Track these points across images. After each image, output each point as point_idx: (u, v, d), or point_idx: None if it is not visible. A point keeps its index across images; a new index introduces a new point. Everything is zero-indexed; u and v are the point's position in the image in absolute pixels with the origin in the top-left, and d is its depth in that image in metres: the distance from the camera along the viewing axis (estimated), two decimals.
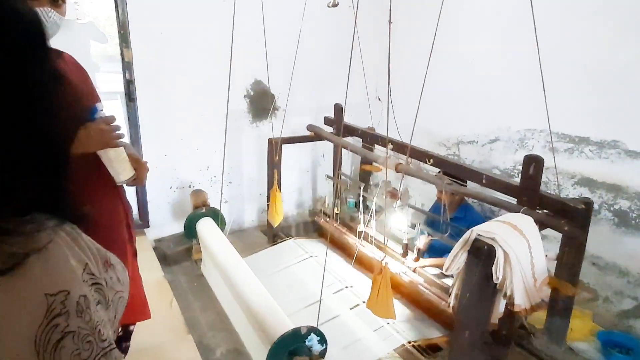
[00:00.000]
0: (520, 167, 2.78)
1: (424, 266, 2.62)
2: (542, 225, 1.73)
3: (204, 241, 2.66)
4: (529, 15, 1.73)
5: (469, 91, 3.01)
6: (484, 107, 2.92)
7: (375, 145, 3.04)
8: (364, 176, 3.41)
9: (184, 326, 2.29)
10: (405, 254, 2.48)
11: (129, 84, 2.84)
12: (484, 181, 2.09)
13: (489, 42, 2.84)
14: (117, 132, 1.25)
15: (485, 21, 2.86)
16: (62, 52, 1.29)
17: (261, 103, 3.36)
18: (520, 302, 1.55)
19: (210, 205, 2.94)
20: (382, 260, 1.84)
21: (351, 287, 2.54)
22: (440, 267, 2.73)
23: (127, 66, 2.81)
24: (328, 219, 3.13)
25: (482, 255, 1.58)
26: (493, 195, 2.07)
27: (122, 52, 2.77)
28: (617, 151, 2.25)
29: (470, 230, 1.63)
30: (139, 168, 1.36)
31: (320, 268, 2.76)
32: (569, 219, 1.76)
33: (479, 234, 1.60)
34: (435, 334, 2.20)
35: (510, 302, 1.57)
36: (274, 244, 3.09)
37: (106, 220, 1.31)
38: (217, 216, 2.74)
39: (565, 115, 2.34)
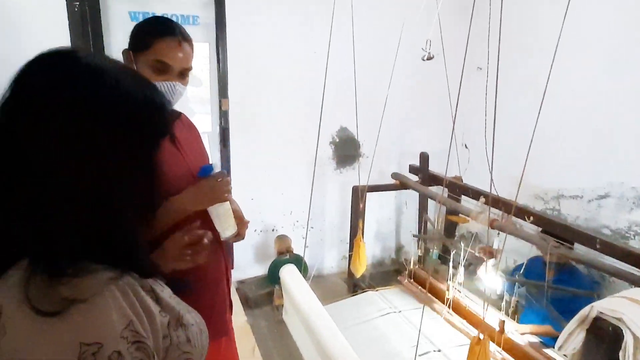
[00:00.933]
0: (637, 229, 2.49)
1: (526, 333, 2.37)
2: None
3: (286, 288, 2.65)
4: None
5: (575, 138, 2.78)
6: (592, 157, 2.67)
7: (463, 196, 2.90)
8: (450, 228, 3.25)
9: None
10: (502, 331, 2.26)
11: (224, 131, 3.01)
12: (597, 246, 1.86)
13: (597, 78, 2.62)
14: (227, 187, 1.29)
15: (597, 53, 2.64)
16: (181, 113, 1.40)
17: (346, 150, 3.39)
18: None
19: (292, 249, 2.96)
20: (480, 328, 1.68)
21: (439, 350, 2.36)
22: (542, 334, 2.46)
23: (223, 114, 2.99)
24: (411, 278, 2.99)
25: (606, 337, 1.38)
26: (610, 262, 1.83)
27: (220, 102, 2.96)
28: None
29: (590, 306, 1.44)
30: (241, 224, 1.40)
31: (404, 324, 2.62)
32: None
33: (601, 312, 1.41)
34: None
35: None
36: (355, 294, 3.00)
37: (210, 275, 1.35)
38: (300, 263, 2.74)
39: None
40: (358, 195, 2.86)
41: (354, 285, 3.14)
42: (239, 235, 1.40)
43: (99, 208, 0.60)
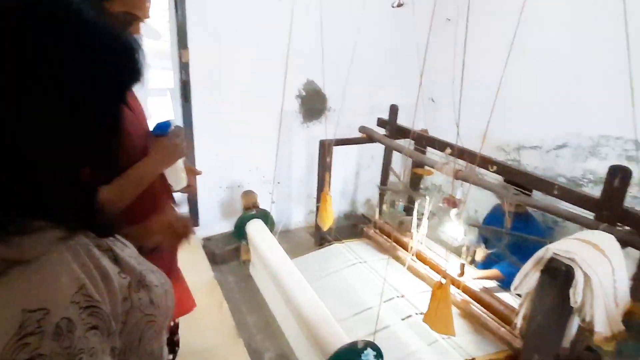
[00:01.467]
0: (590, 176, 2.59)
1: (477, 278, 2.48)
2: (624, 244, 1.57)
3: (254, 243, 2.64)
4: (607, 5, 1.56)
5: (534, 92, 2.82)
6: (551, 109, 2.72)
7: (429, 149, 2.92)
8: (415, 180, 3.29)
9: (235, 329, 2.29)
10: (462, 273, 2.35)
11: (184, 85, 2.87)
12: (555, 192, 1.93)
13: (559, 37, 2.64)
14: (184, 142, 1.26)
15: (554, 13, 2.65)
16: None
17: (312, 104, 3.32)
18: (601, 329, 1.41)
19: (258, 204, 2.93)
20: (443, 275, 1.74)
21: (403, 296, 2.45)
22: (494, 279, 2.59)
23: (183, 67, 2.84)
24: (376, 228, 3.04)
25: (560, 276, 1.45)
26: (564, 207, 1.91)
27: (179, 53, 2.80)
28: None
29: (545, 248, 1.50)
30: (191, 177, 1.38)
31: (370, 274, 2.69)
32: None
33: (556, 253, 1.47)
34: (492, 350, 2.06)
35: (589, 329, 1.43)
36: (322, 247, 3.04)
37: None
38: (267, 218, 2.72)
39: None
40: (325, 149, 2.83)
41: (321, 239, 3.17)
42: (190, 187, 1.38)
43: (39, 157, 0.52)
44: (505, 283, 2.56)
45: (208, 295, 2.49)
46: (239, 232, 2.75)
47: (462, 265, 2.33)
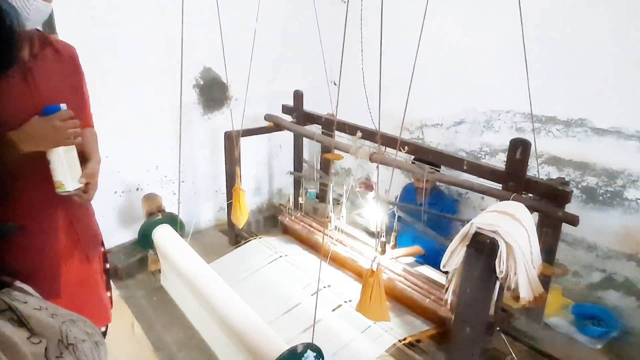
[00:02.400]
0: (487, 149, 2.79)
1: (399, 256, 2.55)
2: (532, 210, 1.69)
3: (163, 251, 2.38)
4: None
5: (432, 72, 2.93)
6: (447, 88, 2.86)
7: (337, 133, 2.90)
8: (325, 166, 3.26)
9: (153, 352, 2.04)
10: (383, 251, 2.37)
11: None
12: (465, 167, 2.02)
13: (449, 21, 2.77)
14: (72, 130, 1.15)
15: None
16: (49, 37, 1.21)
17: (212, 93, 3.08)
18: (525, 294, 1.50)
19: (163, 207, 2.65)
20: (373, 260, 1.71)
21: (329, 286, 2.41)
22: (416, 254, 2.68)
23: None
24: (292, 217, 2.95)
25: (485, 249, 1.50)
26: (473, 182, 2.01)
27: None
28: (584, 129, 2.29)
29: (470, 223, 1.54)
30: (92, 183, 1.18)
31: (293, 268, 2.60)
32: (553, 202, 1.73)
33: (479, 227, 1.52)
34: (421, 328, 2.13)
35: (514, 296, 1.51)
36: (238, 246, 2.86)
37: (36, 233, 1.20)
38: (175, 222, 2.46)
39: (532, 94, 2.33)
40: (232, 141, 2.64)
41: (236, 237, 2.99)
42: (86, 194, 1.23)
43: None
44: (425, 258, 2.67)
45: (115, 317, 2.18)
46: (144, 240, 2.46)
47: (383, 243, 2.36)
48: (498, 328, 2.01)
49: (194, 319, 2.23)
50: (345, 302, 2.26)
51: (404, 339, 2.00)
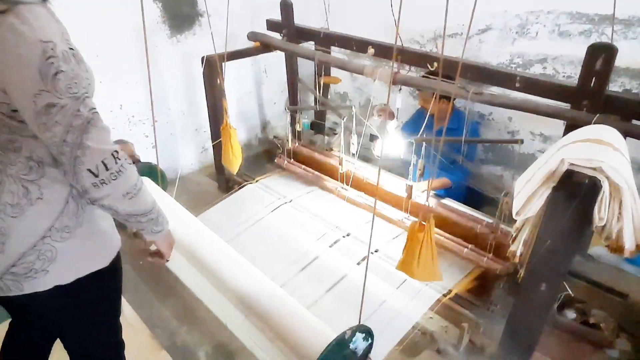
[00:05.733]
0: (519, 60, 2.37)
1: (426, 190, 2.21)
2: (627, 136, 1.33)
3: None
4: None
5: None
6: None
7: (332, 49, 2.40)
8: (323, 92, 2.78)
9: (149, 337, 1.70)
10: (410, 196, 2.02)
11: None
12: (517, 85, 1.61)
13: None
14: None
15: None
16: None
17: (178, 7, 2.46)
18: (630, 244, 1.19)
19: (137, 157, 2.17)
20: (425, 212, 1.35)
21: (349, 235, 2.07)
22: (440, 188, 2.35)
23: None
24: (290, 160, 2.53)
25: (582, 192, 1.15)
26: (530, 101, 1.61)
27: None
28: None
29: (557, 160, 1.17)
30: None
31: (302, 215, 2.22)
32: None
33: (573, 163, 1.15)
34: (461, 273, 1.84)
35: (617, 247, 1.20)
36: (231, 192, 2.45)
37: None
38: (154, 173, 2.00)
39: None
40: (214, 67, 2.11)
41: (227, 181, 2.57)
42: None
43: None
44: (449, 191, 2.34)
45: None
46: None
47: (410, 188, 2.00)
48: None
49: (195, 287, 1.88)
50: (372, 252, 1.94)
51: (449, 292, 1.71)
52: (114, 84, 2.32)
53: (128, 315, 1.74)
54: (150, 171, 2.02)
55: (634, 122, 1.41)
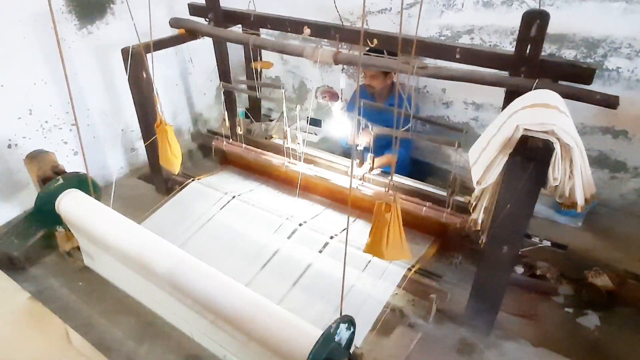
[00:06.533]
0: (447, 32, 2.43)
1: (374, 168, 2.22)
2: (565, 97, 1.40)
3: (77, 225, 1.74)
4: None
5: None
6: None
7: (262, 30, 2.30)
8: (252, 77, 2.67)
9: (98, 353, 1.54)
10: (361, 164, 2.01)
11: None
12: (458, 56, 1.64)
13: None
14: None
15: None
16: None
17: None
18: (581, 199, 1.26)
19: (61, 167, 1.93)
20: (387, 190, 1.34)
21: (305, 223, 2.02)
22: (386, 165, 2.37)
23: None
24: (230, 141, 2.40)
25: (537, 155, 1.20)
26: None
27: None
28: None
29: (512, 126, 1.21)
30: None
31: (253, 208, 2.13)
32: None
33: (527, 129, 1.20)
34: (424, 246, 1.89)
35: (570, 204, 1.27)
36: (174, 194, 2.29)
37: None
38: (84, 183, 1.79)
39: None
40: (139, 59, 1.92)
41: (166, 182, 2.39)
42: None
43: None
44: (396, 166, 2.37)
45: (37, 329, 1.59)
46: (46, 215, 1.77)
47: (361, 160, 1.99)
48: None
49: (147, 299, 1.73)
50: (332, 237, 1.91)
51: (413, 267, 1.74)
52: (17, 87, 2.03)
53: (77, 344, 1.56)
54: (79, 181, 1.81)
55: (565, 83, 1.50)
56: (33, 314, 1.64)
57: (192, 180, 2.33)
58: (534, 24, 1.44)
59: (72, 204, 1.74)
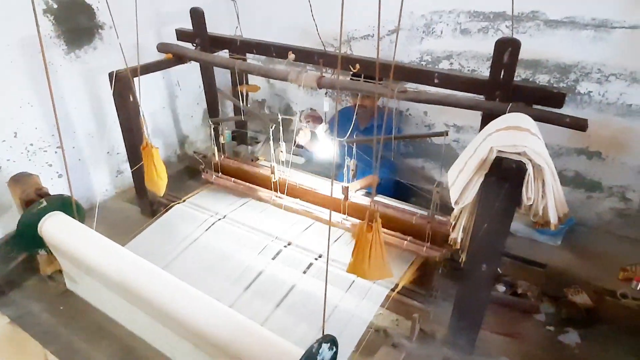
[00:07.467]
0: (428, 58, 2.52)
1: (357, 189, 2.25)
2: (536, 120, 1.46)
3: (59, 247, 1.73)
4: None
5: None
6: None
7: (249, 55, 2.36)
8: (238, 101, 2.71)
9: None
10: (347, 198, 2.04)
11: None
12: (436, 81, 1.71)
13: None
14: None
15: None
16: None
17: (74, 20, 2.23)
18: (554, 218, 1.31)
19: (45, 190, 1.93)
20: (372, 208, 1.37)
21: (289, 245, 2.03)
22: (369, 186, 2.41)
23: None
24: (218, 174, 2.43)
25: (511, 176, 1.25)
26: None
27: None
28: (536, 23, 2.11)
29: (487, 149, 1.26)
30: None
31: (239, 230, 2.14)
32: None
33: (501, 150, 1.25)
34: (405, 264, 1.91)
35: (543, 222, 1.31)
36: (158, 216, 2.29)
37: None
38: (68, 205, 1.79)
39: None
40: (126, 83, 1.95)
41: (152, 204, 2.39)
42: None
43: None
44: (379, 187, 2.41)
45: (15, 354, 1.57)
46: (28, 238, 1.76)
47: (346, 189, 2.03)
48: None
49: (131, 323, 1.71)
50: (316, 259, 1.93)
51: (396, 286, 1.76)
52: (3, 110, 2.04)
53: None
54: (63, 204, 1.81)
55: (537, 107, 1.57)
56: (12, 339, 1.61)
57: (178, 202, 2.34)
58: (506, 51, 1.52)
59: (55, 227, 1.74)
